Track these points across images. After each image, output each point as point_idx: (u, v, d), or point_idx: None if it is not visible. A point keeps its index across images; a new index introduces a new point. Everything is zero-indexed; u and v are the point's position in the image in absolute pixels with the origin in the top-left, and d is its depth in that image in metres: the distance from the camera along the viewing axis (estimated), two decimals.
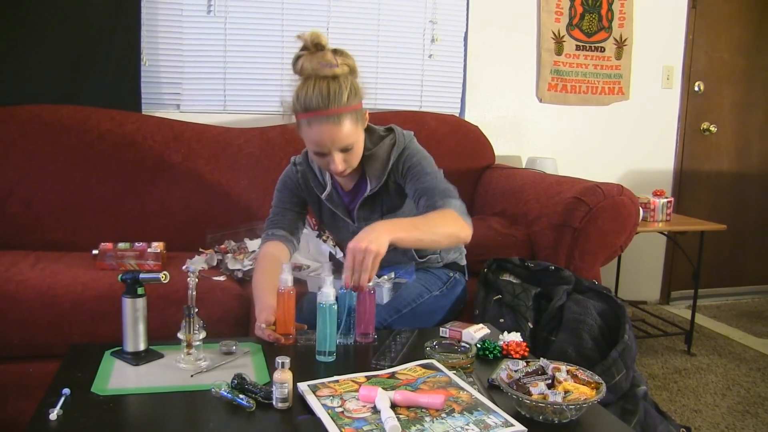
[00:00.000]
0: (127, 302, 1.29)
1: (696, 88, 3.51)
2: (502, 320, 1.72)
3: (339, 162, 1.51)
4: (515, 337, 1.42)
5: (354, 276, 1.30)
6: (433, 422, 1.03)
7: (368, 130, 1.65)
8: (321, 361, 1.32)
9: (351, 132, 1.49)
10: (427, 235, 1.44)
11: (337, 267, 1.48)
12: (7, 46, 2.36)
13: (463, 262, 1.88)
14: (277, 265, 1.56)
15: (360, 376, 1.21)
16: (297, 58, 1.49)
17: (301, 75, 1.49)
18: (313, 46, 1.47)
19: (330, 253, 2.11)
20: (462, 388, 1.16)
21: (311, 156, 1.61)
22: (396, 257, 1.72)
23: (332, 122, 1.45)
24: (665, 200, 2.86)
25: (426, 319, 1.69)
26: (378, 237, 1.31)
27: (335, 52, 1.49)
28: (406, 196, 1.64)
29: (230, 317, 1.80)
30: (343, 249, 1.86)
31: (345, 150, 1.51)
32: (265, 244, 1.67)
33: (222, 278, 1.96)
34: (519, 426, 1.03)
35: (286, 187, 1.75)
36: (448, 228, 1.47)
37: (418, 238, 1.43)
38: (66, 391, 1.11)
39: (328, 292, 1.34)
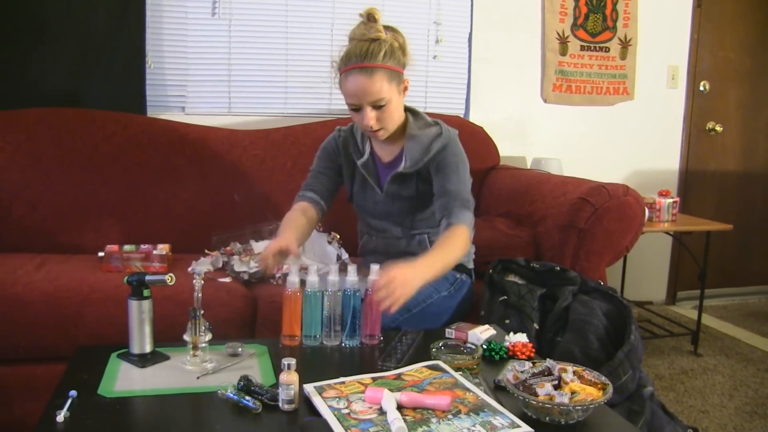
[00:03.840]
0: (133, 304, 1.30)
1: (701, 88, 3.49)
2: (507, 321, 1.72)
3: (370, 117, 1.61)
4: (521, 338, 1.42)
5: (384, 299, 1.31)
6: (439, 423, 1.03)
7: (416, 115, 1.77)
8: (307, 345, 1.43)
9: (383, 88, 1.58)
10: (448, 265, 1.56)
11: (342, 267, 1.48)
12: (12, 50, 2.37)
13: (471, 265, 1.89)
14: (304, 217, 1.68)
15: (366, 377, 1.21)
16: (353, 28, 1.63)
17: (351, 40, 1.63)
18: (367, 17, 1.61)
19: (337, 255, 2.11)
20: (468, 389, 1.16)
21: (349, 113, 1.68)
22: (413, 247, 1.78)
23: (365, 74, 1.56)
24: (671, 200, 2.85)
25: (433, 319, 1.69)
26: (413, 281, 1.37)
27: (388, 27, 1.63)
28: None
29: (236, 319, 1.80)
30: (365, 219, 1.89)
31: (377, 106, 1.60)
32: (296, 204, 1.76)
33: (228, 280, 1.96)
34: (525, 427, 1.03)
35: (325, 152, 1.85)
36: (460, 252, 1.59)
37: (442, 271, 1.53)
38: (73, 393, 1.11)
39: (313, 281, 1.42)
